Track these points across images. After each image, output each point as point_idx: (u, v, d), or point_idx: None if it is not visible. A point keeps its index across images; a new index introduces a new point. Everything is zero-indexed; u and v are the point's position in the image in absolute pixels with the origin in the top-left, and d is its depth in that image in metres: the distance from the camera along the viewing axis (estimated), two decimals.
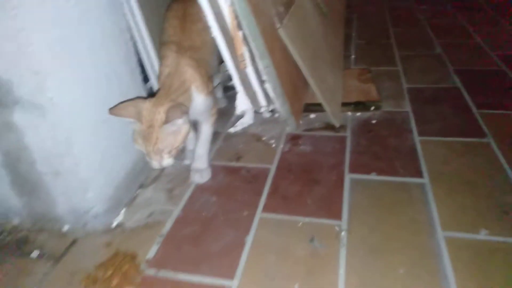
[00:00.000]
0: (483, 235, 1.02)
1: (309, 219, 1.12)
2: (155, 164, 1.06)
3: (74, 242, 1.12)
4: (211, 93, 1.27)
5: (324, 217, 1.13)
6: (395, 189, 1.21)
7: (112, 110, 1.03)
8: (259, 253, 1.03)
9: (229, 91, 1.81)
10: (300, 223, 1.11)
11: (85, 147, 1.06)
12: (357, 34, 2.56)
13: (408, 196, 1.17)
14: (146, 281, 0.98)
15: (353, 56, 2.22)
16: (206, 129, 1.30)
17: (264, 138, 1.54)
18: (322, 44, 1.77)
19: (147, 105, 1.04)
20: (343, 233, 1.06)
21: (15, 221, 1.20)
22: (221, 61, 1.50)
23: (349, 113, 1.64)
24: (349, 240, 1.04)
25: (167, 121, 1.00)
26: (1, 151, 1.05)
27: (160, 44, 1.30)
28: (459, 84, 1.80)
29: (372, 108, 1.63)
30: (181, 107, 1.03)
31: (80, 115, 1.04)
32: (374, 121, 1.58)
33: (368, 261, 0.98)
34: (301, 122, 1.61)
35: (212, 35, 1.36)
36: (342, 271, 0.96)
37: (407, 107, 1.65)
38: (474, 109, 1.58)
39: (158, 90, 1.13)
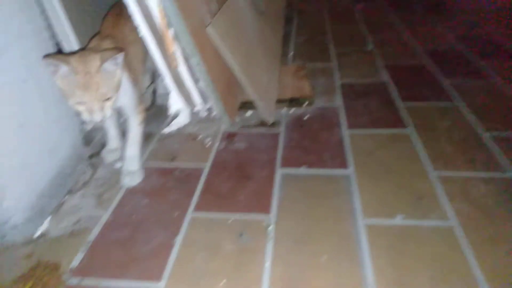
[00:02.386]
0: (399, 220, 1.08)
1: (240, 215, 1.14)
2: (97, 115, 1.04)
3: None
4: (137, 85, 1.26)
5: (254, 211, 1.15)
6: (323, 181, 1.25)
7: (49, 59, 0.99)
8: (188, 252, 1.03)
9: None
10: (231, 220, 1.13)
11: (2, 152, 1.00)
12: (297, 32, 2.62)
13: (334, 187, 1.22)
14: None
15: (291, 53, 2.27)
16: (135, 128, 1.28)
17: (199, 137, 1.53)
18: (256, 42, 1.79)
19: (76, 56, 1.03)
20: (270, 227, 1.09)
21: None
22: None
23: (284, 110, 1.68)
24: (277, 233, 1.07)
25: (103, 62, 1.01)
26: None
27: None
28: (387, 78, 1.90)
29: (306, 104, 1.68)
30: (114, 52, 1.04)
31: None
32: (306, 117, 1.63)
33: (293, 251, 1.01)
34: (237, 120, 1.63)
35: (140, 35, 1.34)
36: (268, 264, 0.98)
37: (339, 102, 1.72)
38: (398, 102, 1.68)
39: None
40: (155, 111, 1.70)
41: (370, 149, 1.39)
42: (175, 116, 1.60)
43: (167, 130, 1.57)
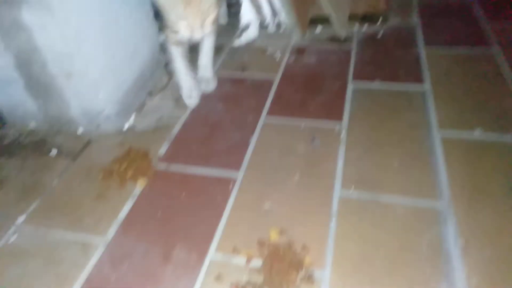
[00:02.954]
0: (477, 134, 1.06)
1: (311, 121, 1.17)
2: (198, 31, 1.06)
3: (89, 142, 1.19)
4: None
5: (325, 119, 1.17)
6: (396, 95, 1.24)
7: None
8: (263, 150, 1.10)
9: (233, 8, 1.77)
10: (302, 125, 1.16)
11: (93, 48, 1.08)
12: None
13: (408, 100, 1.21)
14: (158, 173, 1.05)
15: None
16: (208, 40, 1.27)
17: (269, 51, 1.54)
18: None
19: None
20: (343, 133, 1.11)
21: (32, 124, 1.26)
22: None
23: (356, 26, 1.62)
24: (348, 138, 1.10)
25: None
26: (13, 53, 1.08)
27: None
28: None
29: (380, 20, 1.60)
30: None
31: (87, 14, 1.05)
32: (381, 33, 1.56)
33: (366, 155, 1.04)
34: (307, 35, 1.60)
35: None
36: (340, 163, 1.02)
37: (416, 20, 1.62)
38: (483, 22, 1.55)
39: None
40: (226, 23, 1.70)
41: (448, 66, 1.33)
42: (245, 28, 1.60)
43: (237, 43, 1.59)
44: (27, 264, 0.86)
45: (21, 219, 0.96)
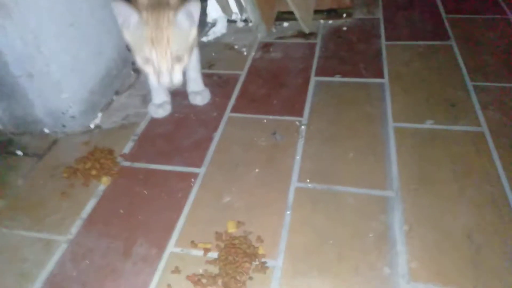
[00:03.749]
0: (428, 125, 1.11)
1: (273, 117, 1.21)
2: (165, 77, 0.97)
3: (55, 142, 1.20)
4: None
5: (287, 114, 1.21)
6: (356, 89, 1.28)
7: (117, 3, 0.93)
8: (226, 145, 1.13)
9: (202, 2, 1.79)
10: (265, 120, 1.20)
11: (54, 48, 1.09)
12: None
13: (367, 94, 1.25)
14: (122, 171, 1.08)
15: None
16: (195, 54, 1.20)
17: (236, 47, 1.57)
18: None
19: (146, 7, 0.95)
20: (302, 127, 1.15)
21: None
22: None
23: (322, 21, 1.65)
24: (308, 132, 1.14)
25: (177, 13, 0.93)
26: None
27: None
28: None
29: (344, 15, 1.64)
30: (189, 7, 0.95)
31: (45, 16, 1.05)
32: (345, 28, 1.60)
33: (323, 148, 1.08)
34: (274, 30, 1.63)
35: None
36: (298, 157, 1.06)
37: (379, 14, 1.66)
38: (443, 15, 1.60)
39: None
40: None
41: (407, 60, 1.38)
42: (213, 25, 1.62)
43: (205, 39, 1.61)
44: None
45: None
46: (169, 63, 0.96)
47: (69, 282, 0.82)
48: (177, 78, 0.99)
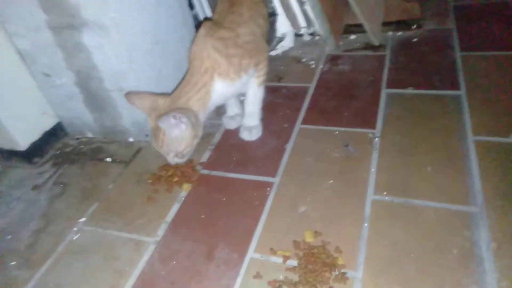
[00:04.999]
0: None
1: (345, 129, 1.22)
2: (169, 160, 1.06)
3: (139, 150, 1.30)
4: (263, 39, 1.19)
5: (359, 126, 1.21)
6: (430, 101, 1.25)
7: (129, 96, 1.04)
8: (298, 157, 1.16)
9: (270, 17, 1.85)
10: (336, 132, 1.21)
11: (143, 65, 1.20)
12: None
13: (442, 107, 1.22)
14: (202, 178, 1.14)
15: None
16: (253, 92, 1.19)
17: (304, 60, 1.60)
18: None
19: (161, 104, 1.02)
20: (376, 139, 1.15)
21: (89, 134, 1.40)
22: None
23: (390, 33, 1.64)
24: (382, 145, 1.13)
25: (159, 120, 0.96)
26: (74, 71, 1.22)
27: None
28: None
29: (414, 26, 1.61)
30: (182, 113, 0.96)
31: (137, 35, 1.17)
32: (415, 40, 1.57)
33: (398, 161, 1.07)
34: (341, 43, 1.65)
35: None
36: (373, 169, 1.06)
37: (451, 24, 1.61)
38: None
39: (180, 83, 1.08)
40: None
41: (485, 71, 1.33)
42: (281, 39, 1.67)
43: (273, 53, 1.66)
44: (89, 259, 0.97)
45: (82, 220, 1.09)
46: (168, 155, 1.05)
47: (159, 280, 0.89)
48: (180, 161, 1.07)
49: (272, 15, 1.69)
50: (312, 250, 0.87)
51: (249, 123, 1.25)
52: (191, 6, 1.62)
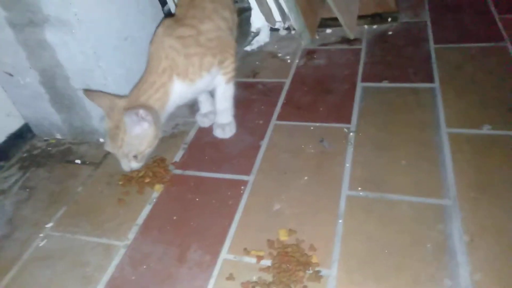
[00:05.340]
0: (485, 130, 1.07)
1: (320, 124, 1.20)
2: (124, 165, 1.00)
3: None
4: (231, 34, 1.15)
5: (334, 121, 1.20)
6: (405, 94, 1.25)
7: (88, 93, 1.01)
8: (273, 153, 1.14)
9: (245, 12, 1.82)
10: (312, 128, 1.19)
11: (111, 62, 1.15)
12: None
13: (417, 100, 1.22)
14: (174, 179, 1.11)
15: None
16: (222, 89, 1.15)
17: (279, 55, 1.58)
18: None
19: (120, 103, 0.97)
20: (351, 134, 1.14)
21: (58, 136, 1.35)
22: None
23: (366, 26, 1.63)
24: (357, 139, 1.12)
25: (124, 116, 0.93)
26: (38, 70, 1.17)
27: None
28: None
29: (389, 19, 1.61)
30: (145, 111, 0.93)
31: (104, 31, 1.12)
32: (390, 33, 1.57)
33: (373, 155, 1.06)
34: (317, 37, 1.63)
35: None
36: (348, 164, 1.05)
37: (426, 17, 1.62)
38: (496, 15, 1.53)
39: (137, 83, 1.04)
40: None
41: (458, 63, 1.33)
42: (256, 34, 1.64)
43: (248, 48, 1.63)
44: (56, 266, 0.93)
45: (49, 225, 1.04)
46: (125, 158, 0.98)
47: (129, 285, 0.86)
48: (134, 166, 1.01)
49: (247, 9, 1.66)
50: (286, 249, 0.85)
51: (222, 120, 1.21)
52: (164, 2, 1.58)
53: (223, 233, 0.93)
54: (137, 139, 0.97)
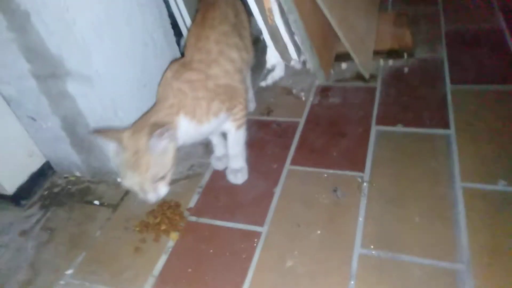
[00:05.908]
0: (501, 186, 1.06)
1: (334, 171, 1.21)
2: (151, 196, 0.93)
3: (127, 192, 1.29)
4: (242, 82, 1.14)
5: (348, 169, 1.20)
6: (420, 141, 1.24)
7: (97, 133, 0.99)
8: (287, 202, 1.15)
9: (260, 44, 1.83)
10: (325, 175, 1.20)
11: (129, 110, 1.19)
12: None
13: (431, 148, 1.21)
14: (189, 226, 1.14)
15: None
16: (233, 135, 1.16)
17: (294, 91, 1.59)
18: None
19: (126, 133, 0.93)
20: (364, 184, 1.14)
21: (77, 173, 1.39)
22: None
23: (381, 61, 1.63)
24: (370, 190, 1.12)
25: (149, 139, 0.88)
26: (59, 116, 1.21)
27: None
28: (504, 24, 1.69)
29: (405, 55, 1.60)
30: (161, 126, 0.89)
31: (122, 82, 1.16)
32: (406, 70, 1.56)
33: (386, 210, 1.06)
34: (332, 72, 1.63)
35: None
36: (361, 218, 1.05)
37: (443, 52, 1.60)
38: None
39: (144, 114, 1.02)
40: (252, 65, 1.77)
41: (475, 107, 1.32)
42: (271, 70, 1.66)
43: (263, 83, 1.65)
44: None
45: (69, 271, 1.08)
46: (151, 185, 0.92)
47: None
48: (163, 192, 0.95)
49: (259, 41, 1.67)
50: None
51: (234, 165, 1.23)
52: (180, 33, 1.61)
53: None
54: (162, 157, 0.92)
